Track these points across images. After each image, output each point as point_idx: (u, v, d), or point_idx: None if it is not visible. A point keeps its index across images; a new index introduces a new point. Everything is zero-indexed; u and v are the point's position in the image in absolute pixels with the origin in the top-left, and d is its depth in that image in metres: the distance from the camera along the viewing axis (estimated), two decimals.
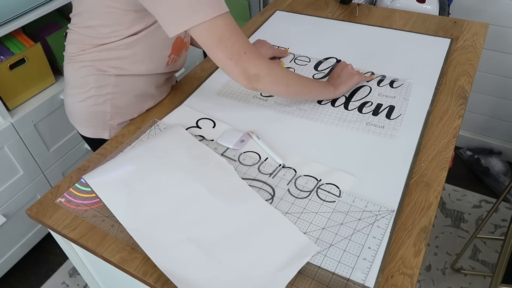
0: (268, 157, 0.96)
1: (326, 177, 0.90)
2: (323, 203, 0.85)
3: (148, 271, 0.76)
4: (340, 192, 0.87)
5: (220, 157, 0.94)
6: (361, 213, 0.83)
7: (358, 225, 0.80)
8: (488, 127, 2.19)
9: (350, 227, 0.80)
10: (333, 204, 0.84)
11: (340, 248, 0.77)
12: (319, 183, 0.89)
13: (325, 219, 0.82)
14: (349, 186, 0.88)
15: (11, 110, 1.57)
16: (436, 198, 0.86)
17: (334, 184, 0.88)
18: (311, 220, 0.81)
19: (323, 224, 0.81)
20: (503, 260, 1.36)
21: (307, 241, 0.77)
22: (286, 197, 0.86)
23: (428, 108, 1.08)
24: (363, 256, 0.75)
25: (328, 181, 0.89)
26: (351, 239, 0.78)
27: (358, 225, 0.80)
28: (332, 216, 0.82)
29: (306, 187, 0.88)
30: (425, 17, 1.50)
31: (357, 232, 0.79)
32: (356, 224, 0.81)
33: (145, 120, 1.10)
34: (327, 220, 0.81)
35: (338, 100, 1.12)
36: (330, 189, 0.87)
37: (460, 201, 2.03)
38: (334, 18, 1.51)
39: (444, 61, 1.25)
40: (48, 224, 0.85)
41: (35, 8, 1.50)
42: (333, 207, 0.84)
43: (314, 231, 0.80)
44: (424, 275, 1.74)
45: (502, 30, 1.84)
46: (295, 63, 1.28)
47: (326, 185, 0.88)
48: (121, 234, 0.81)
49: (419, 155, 0.96)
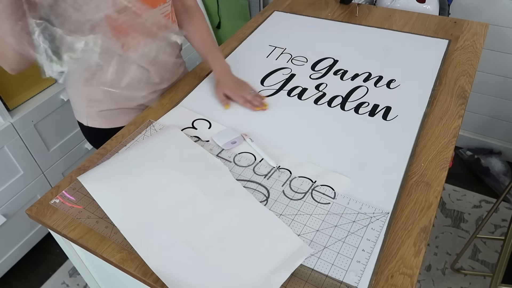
0: (263, 159, 0.96)
1: (321, 179, 0.90)
2: (317, 205, 0.85)
3: (148, 271, 0.76)
4: (335, 194, 0.87)
5: (215, 158, 0.94)
6: (356, 215, 0.82)
7: (353, 227, 0.80)
8: (488, 127, 2.18)
9: (344, 229, 0.80)
10: (328, 206, 0.84)
11: (333, 250, 0.77)
12: (314, 185, 0.89)
13: (319, 221, 0.82)
14: (344, 188, 0.88)
15: (11, 110, 1.58)
16: (436, 198, 0.86)
17: (329, 185, 0.88)
18: (305, 222, 0.81)
19: (317, 226, 0.81)
20: (503, 260, 1.35)
21: (301, 243, 0.77)
22: (280, 198, 0.86)
23: (425, 110, 1.07)
24: (357, 259, 0.75)
25: (323, 183, 0.89)
26: (345, 241, 0.78)
27: (352, 227, 0.80)
28: (326, 218, 0.82)
29: (301, 189, 0.88)
30: (425, 17, 1.49)
31: (351, 234, 0.79)
32: (350, 226, 0.81)
33: (145, 119, 1.11)
34: (321, 222, 0.81)
35: (335, 100, 1.12)
36: (325, 191, 0.87)
37: (460, 201, 2.03)
38: (334, 18, 1.51)
39: (441, 62, 1.24)
40: (48, 224, 0.86)
41: None
42: (328, 209, 0.84)
43: (308, 233, 0.80)
44: (424, 275, 1.73)
45: (502, 30, 1.83)
46: (292, 63, 1.28)
47: (321, 186, 0.88)
48: (115, 235, 0.81)
49: (418, 155, 0.96)
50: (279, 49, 1.35)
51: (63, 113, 1.70)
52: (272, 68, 1.26)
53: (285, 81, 1.21)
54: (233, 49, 1.37)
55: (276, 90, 1.18)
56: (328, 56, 1.30)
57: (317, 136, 1.02)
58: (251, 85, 1.17)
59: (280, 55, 1.32)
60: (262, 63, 1.29)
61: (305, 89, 1.17)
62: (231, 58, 1.32)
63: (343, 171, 0.92)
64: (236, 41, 1.41)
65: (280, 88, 1.18)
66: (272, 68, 1.26)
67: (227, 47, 1.38)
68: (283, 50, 1.34)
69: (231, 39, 1.42)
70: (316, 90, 1.17)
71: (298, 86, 1.18)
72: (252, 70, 1.26)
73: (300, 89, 1.17)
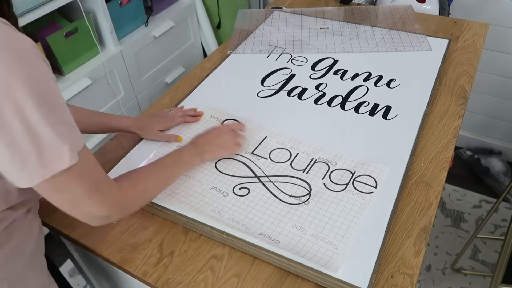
0: (299, 153, 0.97)
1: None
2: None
3: (148, 271, 0.77)
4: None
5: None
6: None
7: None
8: (488, 127, 2.18)
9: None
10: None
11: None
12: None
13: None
14: (371, 198, 0.88)
15: None
16: (436, 198, 0.87)
17: (356, 188, 0.89)
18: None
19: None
20: (503, 260, 1.35)
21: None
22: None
23: (425, 109, 1.07)
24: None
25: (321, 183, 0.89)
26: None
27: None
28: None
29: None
30: (425, 17, 1.49)
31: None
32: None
33: None
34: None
35: (335, 100, 1.12)
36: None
37: (460, 201, 2.03)
38: (335, 18, 1.51)
39: (441, 62, 1.24)
40: (48, 224, 0.86)
41: (35, 8, 1.50)
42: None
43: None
44: (424, 275, 1.73)
45: (502, 30, 1.83)
46: (292, 63, 1.28)
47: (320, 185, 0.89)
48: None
49: (418, 155, 0.96)
50: (279, 49, 1.35)
51: None
52: (272, 68, 1.26)
53: (285, 81, 1.21)
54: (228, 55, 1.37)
55: (276, 90, 1.18)
56: (328, 56, 1.30)
57: (317, 136, 1.01)
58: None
59: (280, 55, 1.32)
60: (262, 63, 1.29)
61: (305, 89, 1.17)
62: (230, 59, 1.32)
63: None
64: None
65: (280, 88, 1.18)
66: (272, 68, 1.26)
67: (226, 47, 1.39)
68: (283, 50, 1.34)
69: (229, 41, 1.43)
70: (316, 90, 1.17)
71: (298, 86, 1.18)
72: (252, 70, 1.26)
73: (300, 89, 1.17)
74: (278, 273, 0.75)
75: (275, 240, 0.77)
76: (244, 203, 0.85)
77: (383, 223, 0.80)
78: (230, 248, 0.80)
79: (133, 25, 1.93)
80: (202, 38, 2.34)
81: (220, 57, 1.35)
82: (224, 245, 0.80)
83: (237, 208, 0.84)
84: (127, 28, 1.90)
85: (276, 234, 0.79)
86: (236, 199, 0.86)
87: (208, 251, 0.80)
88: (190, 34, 2.24)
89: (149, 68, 2.04)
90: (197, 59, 2.35)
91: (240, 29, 1.47)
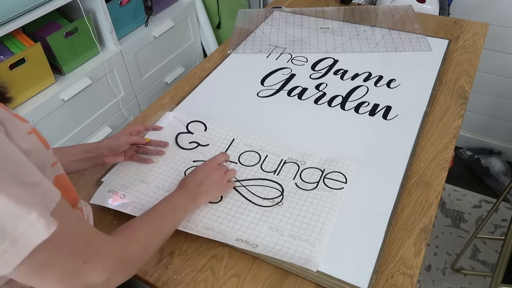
0: (268, 154, 0.96)
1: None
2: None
3: (148, 271, 0.77)
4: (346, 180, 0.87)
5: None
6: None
7: (354, 227, 0.80)
8: (488, 127, 2.18)
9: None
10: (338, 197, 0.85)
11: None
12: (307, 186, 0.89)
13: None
14: (342, 194, 0.88)
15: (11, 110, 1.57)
16: (436, 198, 0.87)
17: (327, 185, 0.89)
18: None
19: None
20: (503, 260, 1.35)
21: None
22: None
23: (425, 109, 1.07)
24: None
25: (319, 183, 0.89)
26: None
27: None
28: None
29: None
30: (425, 17, 1.49)
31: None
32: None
33: (145, 120, 1.10)
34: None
35: (335, 100, 1.12)
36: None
37: (460, 201, 2.03)
38: (335, 18, 1.51)
39: (441, 62, 1.24)
40: None
41: (35, 8, 1.50)
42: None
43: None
44: (424, 275, 1.73)
45: (502, 30, 1.83)
46: (292, 63, 1.28)
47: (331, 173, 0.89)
48: None
49: (418, 155, 0.96)
50: (279, 48, 1.35)
51: (63, 113, 1.70)
52: (272, 68, 1.26)
53: (285, 81, 1.21)
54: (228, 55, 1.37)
55: (276, 90, 1.18)
56: (328, 56, 1.30)
57: (317, 136, 1.02)
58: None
59: (280, 55, 1.32)
60: (262, 63, 1.29)
61: (305, 89, 1.17)
62: (230, 59, 1.32)
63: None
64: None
65: (280, 88, 1.18)
66: (272, 68, 1.26)
67: (226, 47, 1.39)
68: (283, 50, 1.34)
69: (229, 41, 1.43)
70: (316, 90, 1.17)
71: (298, 86, 1.18)
72: (252, 70, 1.26)
73: (300, 89, 1.17)
74: (278, 273, 0.76)
75: (253, 244, 0.77)
76: (218, 210, 0.84)
77: (383, 223, 0.80)
78: (230, 248, 0.80)
79: (133, 25, 1.93)
80: (202, 38, 2.34)
81: (220, 57, 1.35)
82: (224, 245, 0.80)
83: (211, 216, 0.83)
84: (127, 28, 1.90)
85: (253, 238, 0.79)
86: (210, 207, 0.85)
87: (208, 251, 0.80)
88: (190, 34, 2.24)
89: (149, 68, 2.04)
90: (197, 59, 2.35)
91: (240, 29, 1.47)
